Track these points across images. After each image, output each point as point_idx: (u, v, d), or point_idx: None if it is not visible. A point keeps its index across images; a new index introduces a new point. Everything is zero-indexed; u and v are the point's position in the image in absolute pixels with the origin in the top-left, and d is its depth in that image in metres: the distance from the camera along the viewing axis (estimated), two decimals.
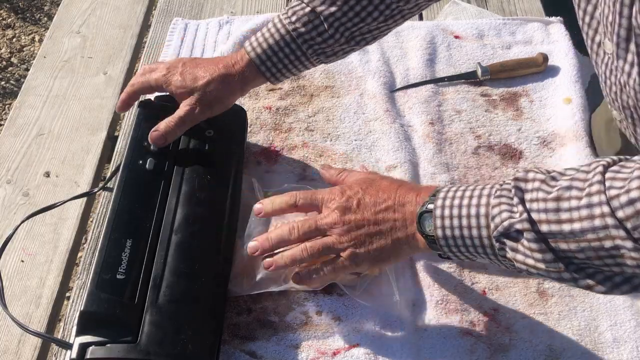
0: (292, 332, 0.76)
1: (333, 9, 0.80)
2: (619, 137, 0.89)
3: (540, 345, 0.75)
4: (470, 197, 0.63)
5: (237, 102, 0.90)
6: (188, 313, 0.70)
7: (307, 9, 0.80)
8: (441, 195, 0.65)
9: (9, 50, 2.31)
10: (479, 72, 1.06)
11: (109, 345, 0.66)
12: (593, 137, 0.97)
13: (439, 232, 0.64)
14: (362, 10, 0.80)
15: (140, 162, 0.81)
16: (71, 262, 0.88)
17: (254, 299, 0.78)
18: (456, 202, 0.63)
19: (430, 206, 0.65)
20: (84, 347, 0.66)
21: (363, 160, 0.95)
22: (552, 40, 1.13)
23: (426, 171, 0.93)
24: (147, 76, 0.84)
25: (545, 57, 1.07)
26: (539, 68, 1.07)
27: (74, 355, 0.66)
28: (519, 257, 0.60)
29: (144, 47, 1.17)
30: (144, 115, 0.86)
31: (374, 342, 0.75)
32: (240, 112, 0.92)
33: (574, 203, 0.56)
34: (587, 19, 0.70)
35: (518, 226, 0.58)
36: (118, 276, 0.70)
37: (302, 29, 0.81)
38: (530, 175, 0.60)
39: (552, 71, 1.07)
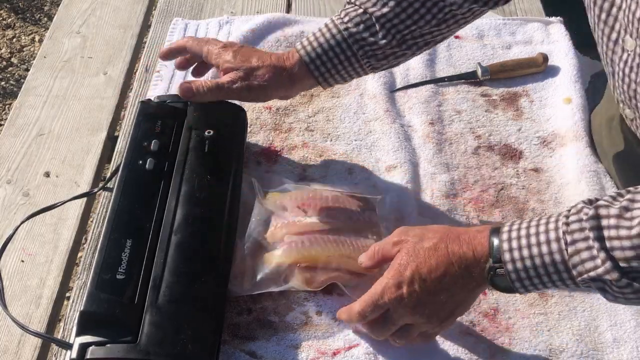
0: (292, 332, 0.76)
1: (385, 10, 0.80)
2: (621, 135, 0.89)
3: (540, 345, 0.75)
4: (538, 244, 0.62)
5: (236, 102, 0.90)
6: (188, 313, 0.70)
7: (360, 10, 0.81)
8: (504, 246, 0.63)
9: (9, 50, 2.31)
10: (479, 72, 1.06)
11: (109, 345, 0.66)
12: (593, 136, 0.97)
13: (517, 285, 0.64)
14: (415, 12, 0.80)
15: (140, 162, 0.81)
16: (71, 262, 0.88)
17: (254, 299, 0.78)
18: (525, 253, 0.62)
19: (500, 270, 0.63)
20: (84, 347, 0.66)
21: (363, 160, 0.95)
22: (552, 40, 1.13)
23: (426, 171, 0.93)
24: (201, 44, 0.86)
25: (545, 57, 1.07)
26: (539, 68, 1.07)
27: (74, 355, 0.66)
28: (610, 297, 0.61)
29: (144, 47, 1.17)
30: (144, 115, 0.86)
31: (374, 342, 0.75)
32: (240, 112, 0.92)
33: None
34: (603, 15, 0.69)
35: (607, 277, 0.58)
36: (118, 276, 0.70)
37: (354, 29, 0.81)
38: (603, 211, 0.59)
39: (552, 71, 1.07)
